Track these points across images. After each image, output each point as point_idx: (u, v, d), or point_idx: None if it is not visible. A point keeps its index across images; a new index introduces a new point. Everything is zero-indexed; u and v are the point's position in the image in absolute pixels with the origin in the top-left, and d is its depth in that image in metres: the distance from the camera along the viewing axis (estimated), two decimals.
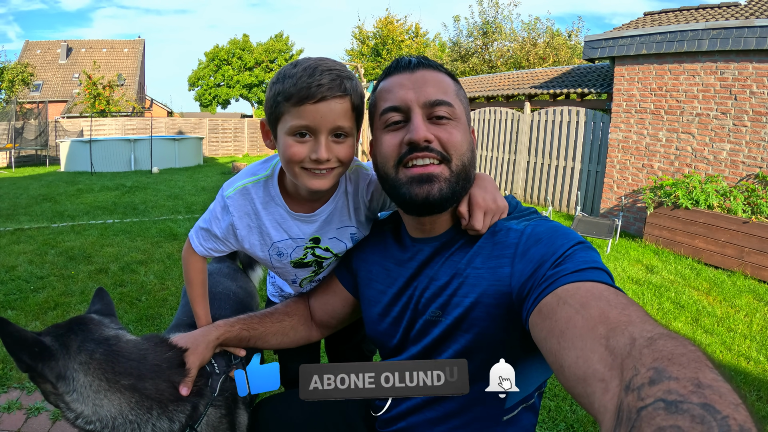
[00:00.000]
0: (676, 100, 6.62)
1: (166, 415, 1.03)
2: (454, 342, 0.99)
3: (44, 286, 4.07)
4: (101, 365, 1.00)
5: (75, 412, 0.99)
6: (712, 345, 3.39)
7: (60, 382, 0.98)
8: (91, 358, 1.00)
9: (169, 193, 9.67)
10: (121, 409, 0.99)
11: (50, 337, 1.02)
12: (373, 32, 26.49)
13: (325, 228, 1.19)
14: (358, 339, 1.65)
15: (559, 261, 0.83)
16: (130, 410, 0.99)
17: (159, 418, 1.02)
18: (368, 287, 1.20)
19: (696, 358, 0.49)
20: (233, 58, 38.43)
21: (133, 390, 1.00)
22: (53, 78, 29.12)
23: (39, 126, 16.66)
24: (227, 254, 1.31)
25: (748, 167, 5.92)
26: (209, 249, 1.23)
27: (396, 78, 1.00)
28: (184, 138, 16.49)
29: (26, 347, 0.98)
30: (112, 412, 0.98)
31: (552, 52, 19.30)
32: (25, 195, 9.08)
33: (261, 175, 1.15)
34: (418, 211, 1.01)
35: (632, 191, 7.23)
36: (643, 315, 0.65)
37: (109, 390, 0.99)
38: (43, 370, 0.98)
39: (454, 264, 1.00)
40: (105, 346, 1.03)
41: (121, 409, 0.99)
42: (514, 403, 1.02)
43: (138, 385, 1.01)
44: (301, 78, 0.95)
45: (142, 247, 5.41)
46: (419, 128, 0.94)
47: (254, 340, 1.29)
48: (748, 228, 5.16)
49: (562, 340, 0.67)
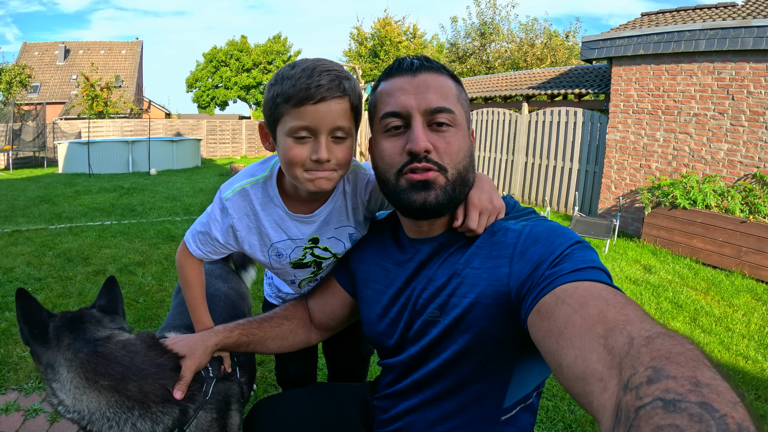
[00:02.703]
0: (673, 100, 6.63)
1: (149, 417, 1.04)
2: (452, 342, 0.98)
3: (42, 287, 4.05)
4: (83, 365, 1.04)
5: (58, 398, 1.04)
6: (710, 344, 3.40)
7: (48, 369, 1.05)
8: (75, 356, 1.04)
9: (167, 195, 9.65)
10: (99, 406, 1.02)
11: (53, 325, 1.08)
12: (371, 33, 26.48)
13: (324, 228, 1.19)
14: (355, 340, 1.65)
15: (557, 261, 0.83)
16: (108, 408, 1.02)
17: (140, 418, 1.03)
18: (366, 288, 1.20)
19: (694, 356, 0.49)
20: (231, 59, 38.44)
21: (112, 390, 1.02)
22: (51, 79, 29.09)
23: (37, 128, 16.63)
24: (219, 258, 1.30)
25: (745, 167, 5.94)
26: (208, 252, 1.22)
27: (397, 81, 0.99)
28: (182, 139, 16.47)
29: (30, 324, 1.06)
30: (90, 408, 1.02)
31: (550, 53, 19.33)
32: (23, 197, 9.05)
33: (259, 176, 1.15)
34: (415, 216, 1.01)
35: (630, 191, 7.24)
36: (642, 314, 0.65)
37: (88, 388, 1.02)
38: (36, 351, 1.06)
39: (452, 264, 1.00)
40: (92, 347, 1.06)
41: (99, 405, 1.02)
42: (512, 403, 1.02)
43: (119, 386, 1.03)
44: (300, 79, 0.95)
45: (140, 249, 5.39)
46: (420, 139, 0.93)
47: (253, 345, 1.28)
48: (746, 227, 5.17)
49: (561, 339, 0.67)
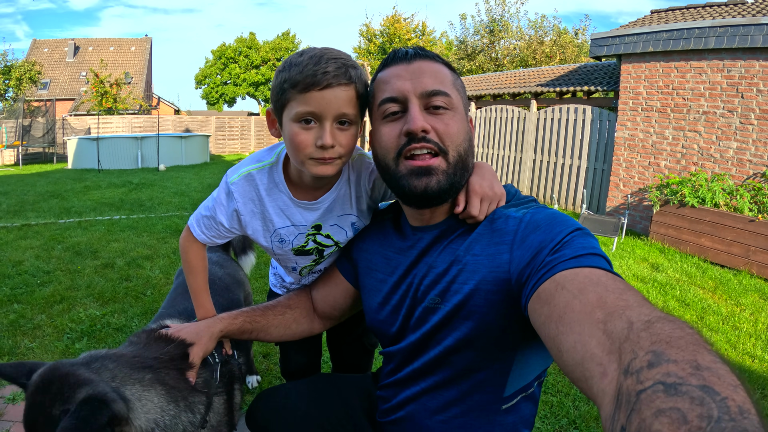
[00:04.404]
0: (682, 98, 6.58)
1: (188, 407, 1.08)
2: (453, 329, 0.99)
3: (50, 280, 4.10)
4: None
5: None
6: (717, 343, 3.37)
7: None
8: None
9: (175, 190, 9.71)
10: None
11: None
12: (381, 30, 26.44)
13: (327, 216, 1.20)
14: (359, 332, 1.65)
15: (557, 247, 0.83)
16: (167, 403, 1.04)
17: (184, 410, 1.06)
18: (368, 276, 1.21)
19: (694, 340, 0.50)
20: (240, 56, 38.57)
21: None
22: (61, 76, 29.27)
23: (46, 124, 16.77)
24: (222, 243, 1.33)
25: (754, 165, 5.88)
26: (212, 237, 1.24)
27: (393, 69, 1.01)
28: (190, 136, 16.56)
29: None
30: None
31: (559, 50, 19.23)
32: (33, 192, 9.14)
33: (266, 162, 1.17)
34: (417, 203, 1.01)
35: (638, 189, 7.20)
36: (641, 299, 0.65)
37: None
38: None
39: (453, 251, 1.01)
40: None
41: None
42: (513, 391, 1.02)
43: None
44: (307, 66, 0.97)
45: (148, 243, 5.44)
46: (416, 118, 0.94)
47: (256, 332, 1.30)
48: (755, 227, 5.13)
49: (561, 325, 0.68)
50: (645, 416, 0.42)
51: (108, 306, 3.56)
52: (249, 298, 2.04)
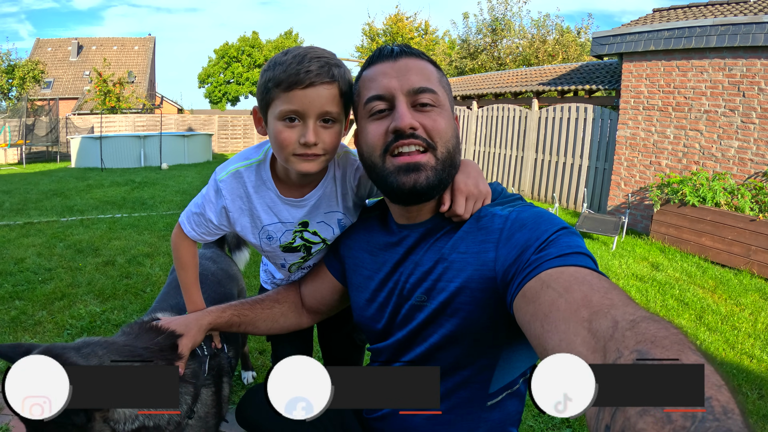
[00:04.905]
0: (684, 96, 6.56)
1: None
2: (439, 326, 0.99)
3: (52, 277, 4.12)
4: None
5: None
6: (715, 343, 3.37)
7: None
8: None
9: (177, 189, 9.74)
10: None
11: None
12: (383, 29, 26.40)
13: (314, 212, 1.21)
14: (348, 328, 1.66)
15: (543, 246, 0.83)
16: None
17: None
18: (355, 273, 1.21)
19: (678, 340, 0.50)
20: (243, 55, 38.64)
21: None
22: (64, 75, 29.37)
23: (50, 123, 16.81)
24: (214, 240, 1.34)
25: (756, 165, 5.86)
26: (202, 234, 1.26)
27: (379, 67, 1.01)
28: (193, 134, 16.57)
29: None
30: None
31: (561, 49, 19.16)
32: (36, 190, 9.18)
33: (253, 159, 1.18)
34: (405, 200, 1.01)
35: (639, 188, 7.18)
36: (626, 298, 0.65)
37: None
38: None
39: (439, 249, 1.01)
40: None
41: None
42: (498, 388, 1.03)
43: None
44: (291, 65, 0.98)
45: (149, 241, 5.46)
46: (404, 115, 0.94)
47: (244, 325, 1.32)
48: (756, 226, 5.11)
49: (546, 323, 0.68)
50: (629, 415, 0.43)
51: (108, 303, 3.58)
52: (243, 293, 2.06)
